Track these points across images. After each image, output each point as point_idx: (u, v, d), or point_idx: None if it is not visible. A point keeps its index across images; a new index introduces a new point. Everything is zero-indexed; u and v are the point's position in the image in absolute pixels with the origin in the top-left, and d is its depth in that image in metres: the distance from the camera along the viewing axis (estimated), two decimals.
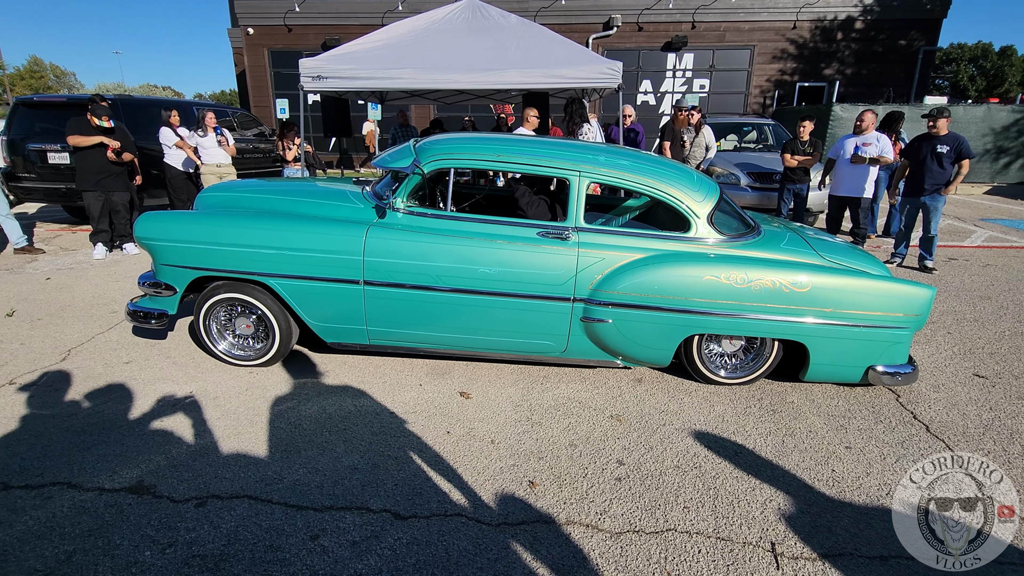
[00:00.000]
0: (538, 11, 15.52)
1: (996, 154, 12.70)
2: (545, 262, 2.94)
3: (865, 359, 2.99)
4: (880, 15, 15.18)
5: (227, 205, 3.46)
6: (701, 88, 16.02)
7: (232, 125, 9.06)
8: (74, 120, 5.72)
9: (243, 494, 2.24)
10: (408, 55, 6.20)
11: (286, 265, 3.03)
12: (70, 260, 5.96)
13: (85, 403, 2.95)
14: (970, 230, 8.03)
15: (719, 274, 2.86)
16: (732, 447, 2.62)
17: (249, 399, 3.00)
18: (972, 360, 3.60)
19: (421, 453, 2.54)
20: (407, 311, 3.06)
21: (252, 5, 15.94)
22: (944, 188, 5.54)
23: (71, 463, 2.42)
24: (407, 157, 3.14)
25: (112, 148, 5.75)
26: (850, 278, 2.92)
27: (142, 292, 3.34)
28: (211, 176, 7.09)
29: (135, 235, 3.18)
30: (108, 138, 5.72)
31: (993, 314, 4.46)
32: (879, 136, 6.08)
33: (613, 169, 3.06)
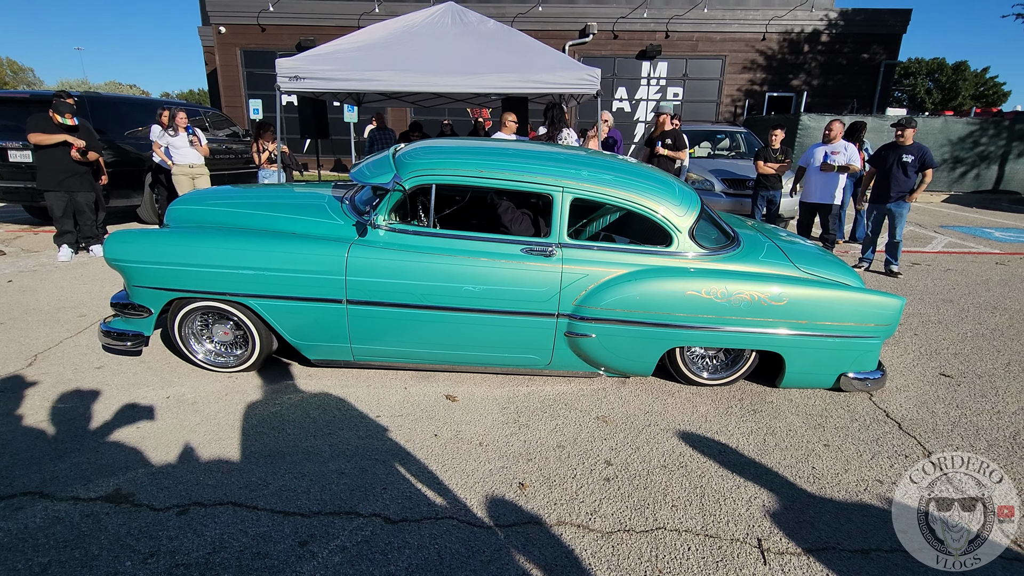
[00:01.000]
0: (515, 17, 15.62)
1: (953, 164, 13.30)
2: (529, 279, 2.94)
3: (837, 367, 3.09)
4: (844, 29, 15.77)
5: (200, 220, 3.32)
6: (675, 96, 16.34)
7: (204, 125, 8.85)
8: (35, 117, 5.50)
9: (227, 501, 2.18)
10: (387, 57, 6.16)
11: (266, 286, 2.96)
12: (33, 262, 5.72)
13: (55, 410, 2.83)
14: (931, 236, 8.38)
15: (700, 288, 2.91)
16: (716, 446, 2.67)
17: (229, 404, 2.93)
18: (938, 360, 3.75)
19: (409, 456, 2.52)
20: (391, 329, 3.03)
21: (224, 3, 15.63)
22: (908, 195, 5.77)
23: (42, 472, 2.32)
24: (387, 172, 3.07)
25: (76, 147, 5.55)
26: (825, 290, 3.00)
27: (114, 312, 3.20)
28: (183, 177, 6.92)
29: (104, 256, 3.04)
30: (72, 136, 5.53)
31: (955, 316, 4.66)
32: (847, 145, 6.29)
33: (597, 184, 3.05)
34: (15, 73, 47.89)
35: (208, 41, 17.26)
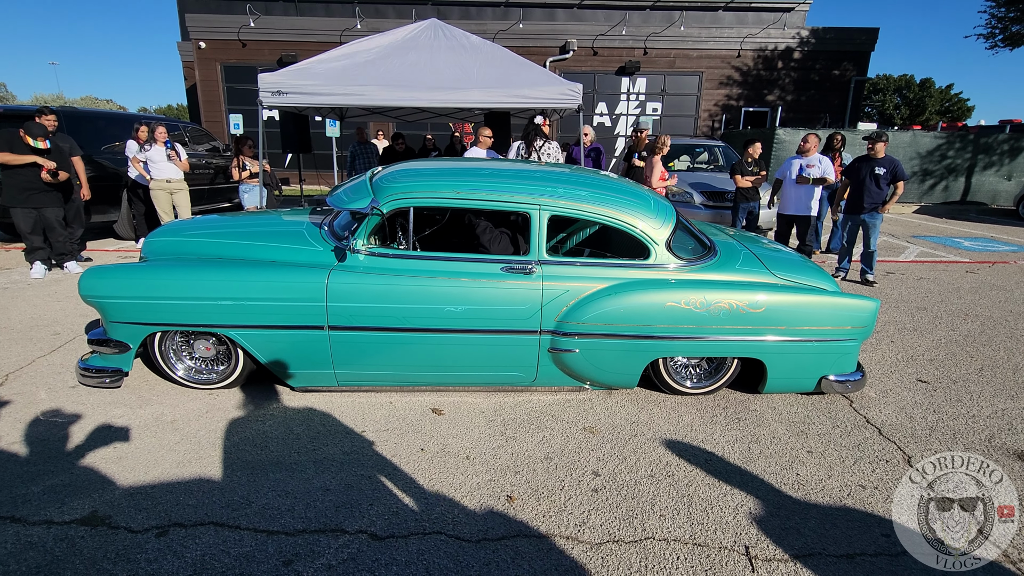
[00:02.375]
0: (496, 34, 15.82)
1: (923, 176, 13.72)
2: (511, 297, 2.95)
3: (818, 370, 3.15)
4: (815, 46, 16.27)
5: (178, 251, 3.28)
6: (654, 111, 16.65)
7: (184, 139, 8.76)
8: (3, 134, 5.36)
9: (208, 521, 2.13)
10: (371, 72, 6.19)
11: (246, 316, 2.93)
12: (4, 280, 5.57)
13: (27, 431, 2.75)
14: (903, 246, 8.60)
15: (679, 299, 2.95)
16: (702, 455, 2.69)
17: (210, 422, 2.87)
18: (914, 367, 3.84)
19: (396, 472, 2.49)
20: (375, 353, 3.01)
21: (204, 19, 15.57)
22: (881, 206, 5.93)
23: (14, 496, 2.25)
24: (364, 197, 3.07)
25: (47, 168, 5.44)
26: (801, 295, 3.07)
27: (91, 349, 3.12)
28: (161, 192, 6.83)
29: (80, 293, 2.97)
30: (42, 158, 5.41)
31: (930, 323, 4.78)
32: (821, 158, 6.43)
33: (573, 201, 3.08)
34: None
35: (188, 56, 17.14)
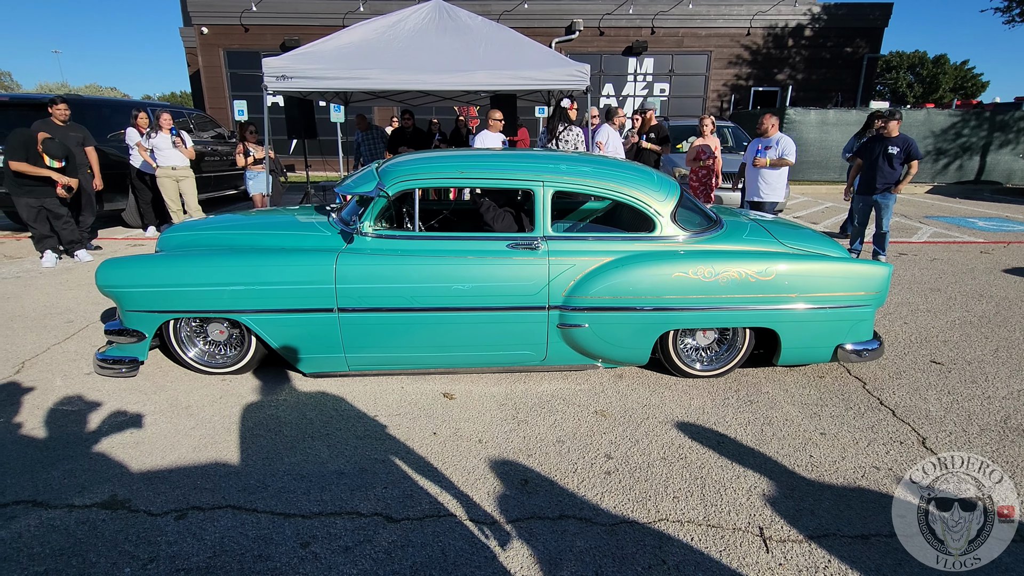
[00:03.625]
0: (501, 14, 15.59)
1: (936, 156, 13.49)
2: (517, 273, 2.95)
3: (833, 338, 3.13)
4: (827, 23, 15.92)
5: (192, 244, 3.32)
6: (661, 92, 16.42)
7: (188, 126, 8.74)
8: (22, 139, 5.30)
9: (226, 504, 2.16)
10: (376, 55, 6.12)
11: (257, 300, 2.94)
12: (16, 268, 5.62)
13: (45, 417, 2.78)
14: (916, 227, 8.49)
15: (687, 270, 2.94)
16: (714, 437, 2.69)
17: (224, 407, 2.90)
18: (928, 348, 3.80)
19: (409, 455, 2.50)
20: (384, 334, 3.02)
21: (206, 4, 15.44)
22: (894, 187, 5.84)
23: (35, 480, 2.28)
24: (371, 181, 3.09)
25: (61, 184, 5.47)
26: (811, 263, 3.05)
27: (108, 340, 3.15)
28: (167, 179, 6.82)
29: (97, 284, 3.00)
30: (57, 174, 5.44)
31: (943, 305, 4.72)
32: (781, 138, 5.92)
33: (576, 176, 3.09)
34: None
35: (190, 42, 17.04)
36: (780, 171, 5.92)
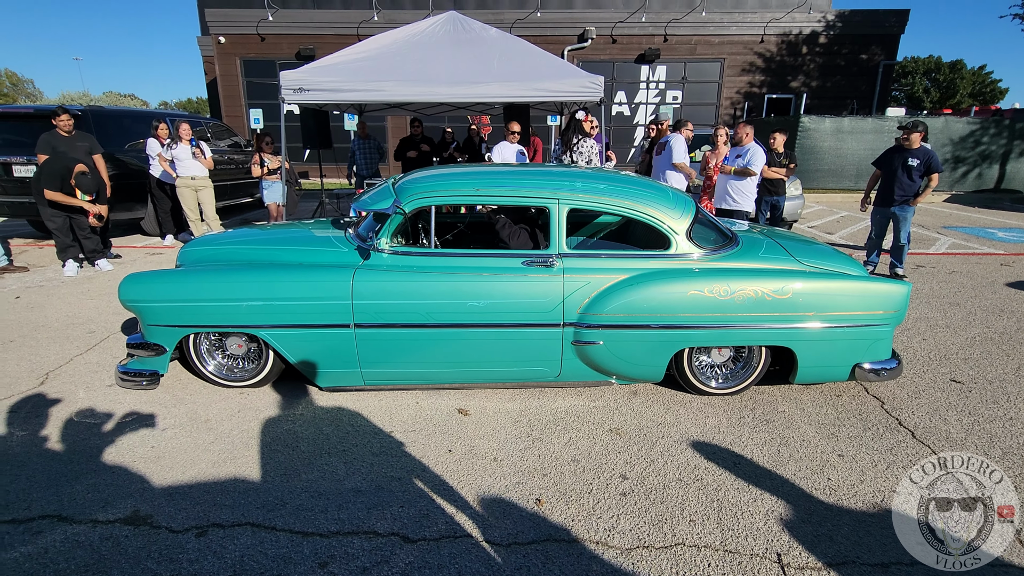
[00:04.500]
0: (513, 23, 15.68)
1: (954, 164, 13.32)
2: (532, 290, 2.97)
3: (851, 357, 3.10)
4: (842, 30, 15.82)
5: (211, 259, 3.37)
6: (674, 99, 16.39)
7: (205, 135, 8.88)
8: (57, 169, 5.44)
9: (245, 521, 2.18)
10: (391, 67, 6.19)
11: (275, 315, 2.99)
12: (39, 277, 5.74)
13: (69, 430, 2.84)
14: (934, 237, 8.38)
15: (702, 288, 2.93)
16: (731, 458, 2.67)
17: (242, 421, 2.94)
18: (948, 366, 3.75)
19: (425, 473, 2.52)
20: (400, 350, 3.04)
21: (223, 13, 15.70)
22: (913, 199, 5.77)
23: (60, 494, 2.33)
24: (387, 198, 3.12)
25: (92, 214, 5.69)
26: (828, 281, 3.03)
27: (129, 353, 3.21)
28: (186, 189, 6.94)
29: (120, 298, 3.06)
30: (89, 204, 5.65)
31: (963, 320, 4.66)
32: (751, 148, 5.84)
33: (591, 194, 3.11)
34: (15, 85, 48.04)
35: (208, 51, 17.33)
36: (747, 180, 5.91)
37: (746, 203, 6.00)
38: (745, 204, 6.00)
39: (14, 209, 7.08)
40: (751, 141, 5.94)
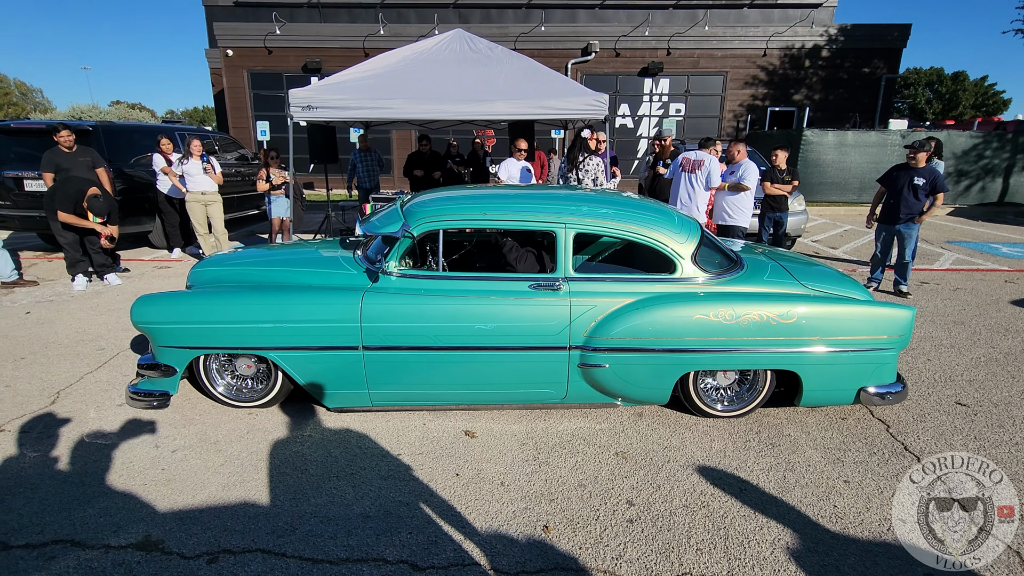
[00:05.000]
0: (518, 36, 15.83)
1: (957, 177, 13.35)
2: (539, 314, 3.00)
3: (856, 381, 3.12)
4: (844, 44, 15.92)
5: (221, 280, 3.42)
6: (677, 112, 16.48)
7: (213, 148, 8.98)
8: (70, 193, 5.54)
9: (256, 548, 2.20)
10: (397, 85, 6.26)
11: (285, 338, 3.02)
12: (49, 292, 5.79)
13: (80, 451, 2.87)
14: (938, 253, 8.39)
15: (708, 312, 2.96)
16: (736, 484, 2.68)
17: (251, 443, 2.96)
18: (953, 388, 3.75)
19: (432, 498, 2.54)
20: (408, 372, 3.07)
21: (231, 27, 15.89)
22: (918, 217, 5.80)
23: (72, 518, 2.35)
24: (396, 222, 3.17)
25: (104, 236, 5.80)
26: (833, 305, 3.06)
27: (139, 373, 3.24)
28: (195, 204, 7.01)
29: (132, 320, 3.10)
30: (100, 226, 5.75)
31: (968, 340, 4.66)
32: (742, 164, 6.02)
33: (597, 219, 3.15)
34: (24, 94, 48.58)
35: (215, 63, 17.52)
36: (742, 196, 6.02)
37: (742, 219, 6.12)
38: (741, 220, 6.12)
39: (24, 223, 7.17)
40: (744, 158, 6.11)
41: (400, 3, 17.27)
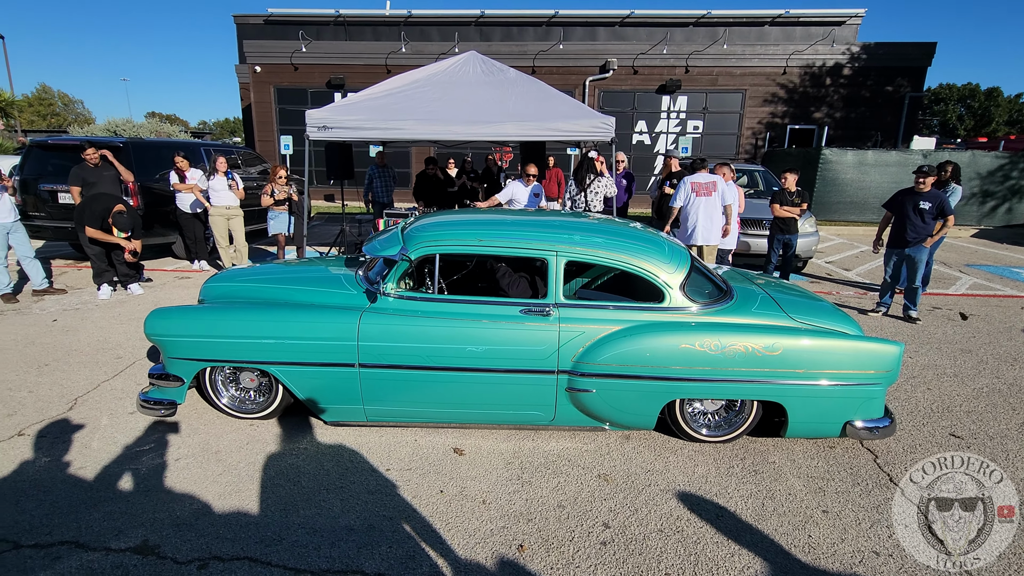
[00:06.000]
0: (536, 54, 16.07)
1: (982, 198, 13.06)
2: (529, 338, 3.09)
3: (842, 415, 3.14)
4: (867, 62, 15.77)
5: (231, 295, 3.61)
6: (695, 129, 16.48)
7: (237, 163, 9.34)
8: (96, 210, 5.86)
9: (244, 556, 2.33)
10: (410, 107, 6.47)
11: (285, 353, 3.18)
12: (76, 300, 6.09)
13: (91, 457, 3.05)
14: (955, 276, 8.23)
15: (694, 342, 3.02)
16: (714, 509, 2.73)
17: (250, 454, 3.11)
18: (949, 419, 3.72)
19: (415, 513, 2.64)
20: (401, 390, 3.20)
21: (260, 45, 16.49)
22: (926, 240, 5.75)
23: (79, 521, 2.52)
24: (395, 245, 3.31)
25: (128, 250, 6.11)
26: (820, 339, 3.08)
27: (151, 382, 3.44)
28: (219, 218, 7.30)
29: (145, 332, 3.30)
30: (125, 241, 6.07)
31: (973, 368, 4.60)
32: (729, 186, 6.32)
33: (588, 247, 3.23)
34: (66, 105, 50.82)
35: (244, 78, 18.14)
36: (727, 217, 6.32)
37: (727, 241, 6.43)
38: (727, 242, 6.43)
39: (57, 233, 7.56)
40: (730, 180, 6.36)
41: (422, 21, 17.71)
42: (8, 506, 2.61)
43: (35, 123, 44.27)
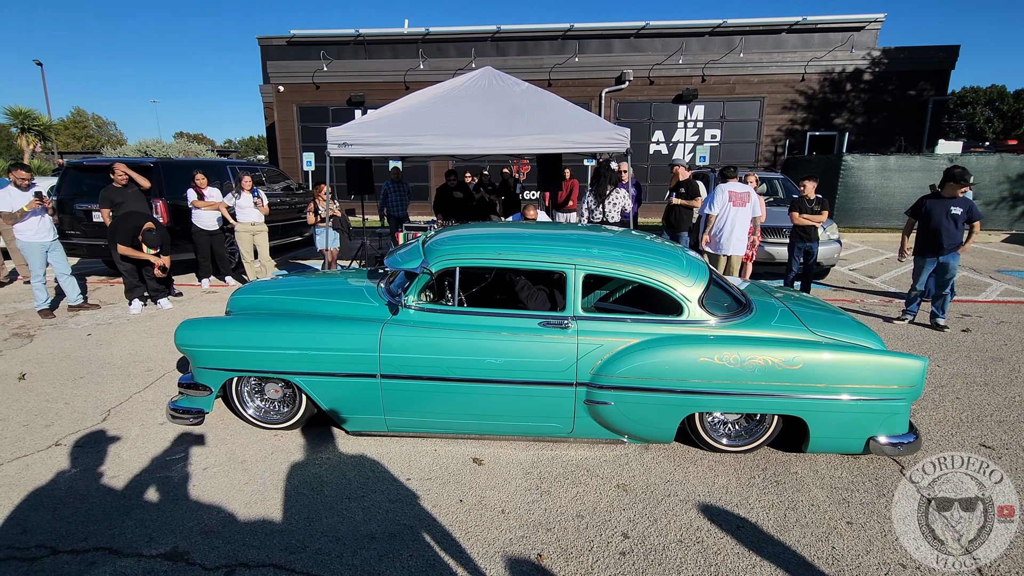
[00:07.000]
0: (552, 67, 16.22)
1: (1013, 202, 12.72)
2: (547, 351, 3.12)
3: (864, 431, 3.08)
4: (888, 67, 15.56)
5: (257, 307, 3.73)
6: (712, 138, 16.41)
7: (261, 179, 9.60)
8: (128, 228, 6.10)
9: (269, 563, 2.39)
10: (428, 122, 6.59)
11: (309, 364, 3.26)
12: (108, 315, 6.31)
13: (123, 465, 3.16)
14: (986, 283, 8.02)
15: (713, 355, 3.00)
16: (735, 521, 2.70)
17: (274, 463, 3.18)
18: (980, 429, 3.63)
19: (435, 522, 2.67)
20: (421, 400, 3.25)
21: (283, 65, 16.96)
22: (960, 247, 5.63)
23: (112, 527, 2.61)
24: (416, 258, 3.39)
25: (158, 266, 6.35)
26: (841, 353, 3.04)
27: (180, 392, 3.56)
28: (244, 234, 7.50)
29: (175, 343, 3.43)
30: (155, 256, 6.31)
31: (1004, 377, 4.48)
32: None
33: (606, 261, 3.25)
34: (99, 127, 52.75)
35: (268, 98, 18.68)
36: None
37: (734, 248, 6.48)
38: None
39: (91, 251, 7.84)
40: None
41: (440, 38, 18.05)
42: (47, 513, 2.72)
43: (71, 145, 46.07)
